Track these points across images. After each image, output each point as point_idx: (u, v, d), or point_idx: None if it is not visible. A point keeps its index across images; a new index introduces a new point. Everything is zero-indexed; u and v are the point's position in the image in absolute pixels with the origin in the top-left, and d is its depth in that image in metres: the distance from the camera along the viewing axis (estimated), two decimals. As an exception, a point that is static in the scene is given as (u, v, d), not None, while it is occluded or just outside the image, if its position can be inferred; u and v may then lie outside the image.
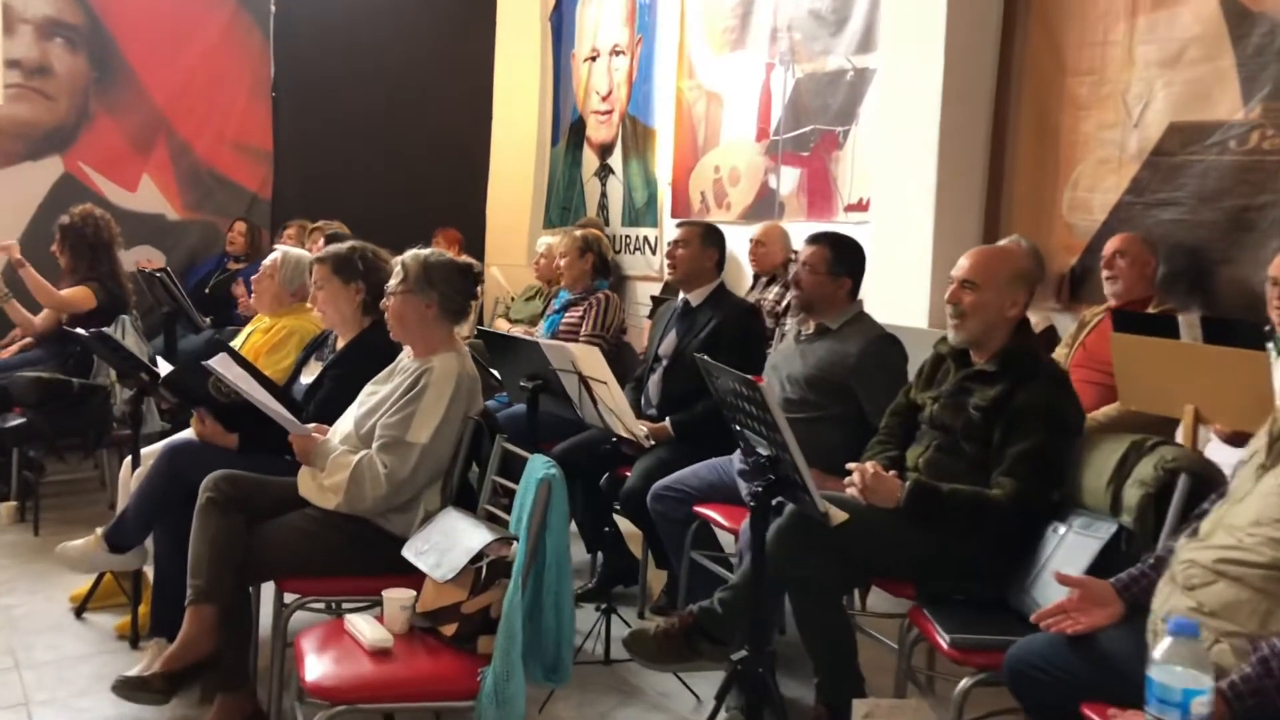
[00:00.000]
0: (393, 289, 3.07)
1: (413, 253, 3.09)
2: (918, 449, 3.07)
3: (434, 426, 2.91)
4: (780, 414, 2.47)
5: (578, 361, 3.39)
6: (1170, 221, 4.34)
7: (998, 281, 2.95)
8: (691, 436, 4.00)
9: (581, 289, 4.98)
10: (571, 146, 8.31)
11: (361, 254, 3.47)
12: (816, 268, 3.57)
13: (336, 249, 3.48)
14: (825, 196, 6.01)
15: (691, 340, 4.12)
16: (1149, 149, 4.43)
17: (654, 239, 7.37)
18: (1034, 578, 2.68)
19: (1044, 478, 2.80)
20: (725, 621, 3.02)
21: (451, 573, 2.49)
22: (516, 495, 2.59)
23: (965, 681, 2.52)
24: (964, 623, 2.59)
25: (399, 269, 3.07)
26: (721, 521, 3.58)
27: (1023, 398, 2.85)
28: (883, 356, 3.49)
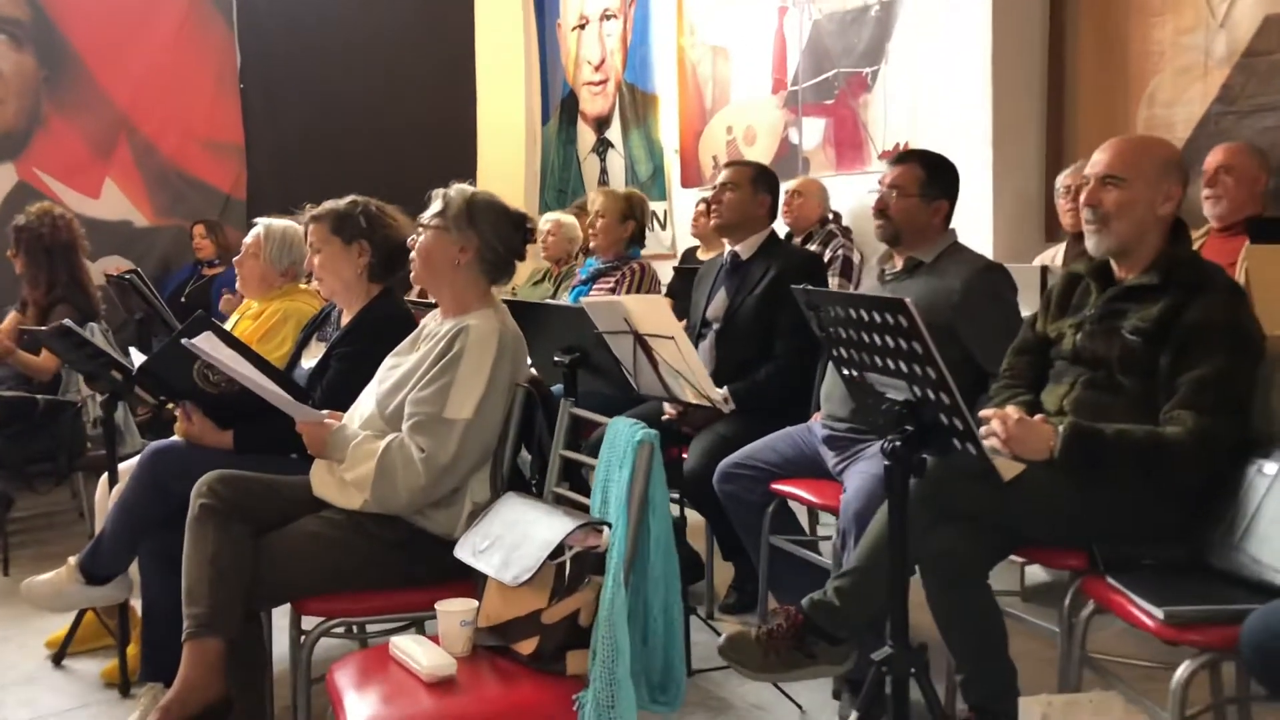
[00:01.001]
0: (426, 221, 2.53)
1: (459, 186, 2.56)
2: (1059, 389, 2.54)
3: (477, 399, 2.37)
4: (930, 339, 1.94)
5: (633, 318, 2.84)
6: (1273, 129, 3.85)
7: (1146, 172, 2.43)
8: (755, 407, 3.46)
9: (615, 255, 4.42)
10: (564, 123, 7.77)
11: (365, 210, 2.93)
12: (907, 189, 3.03)
13: (335, 204, 2.94)
14: (855, 146, 5.49)
15: (746, 298, 3.59)
16: (1240, 50, 3.93)
17: (663, 213, 6.83)
18: (1245, 530, 2.15)
19: (1231, 408, 2.28)
20: (844, 615, 2.49)
21: (526, 574, 1.94)
22: (597, 470, 2.04)
23: (1186, 666, 1.99)
24: (1172, 593, 2.06)
25: (439, 200, 2.54)
26: (809, 499, 3.05)
27: (1195, 314, 2.32)
28: (995, 288, 2.96)
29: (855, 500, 2.79)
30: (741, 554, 3.49)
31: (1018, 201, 4.59)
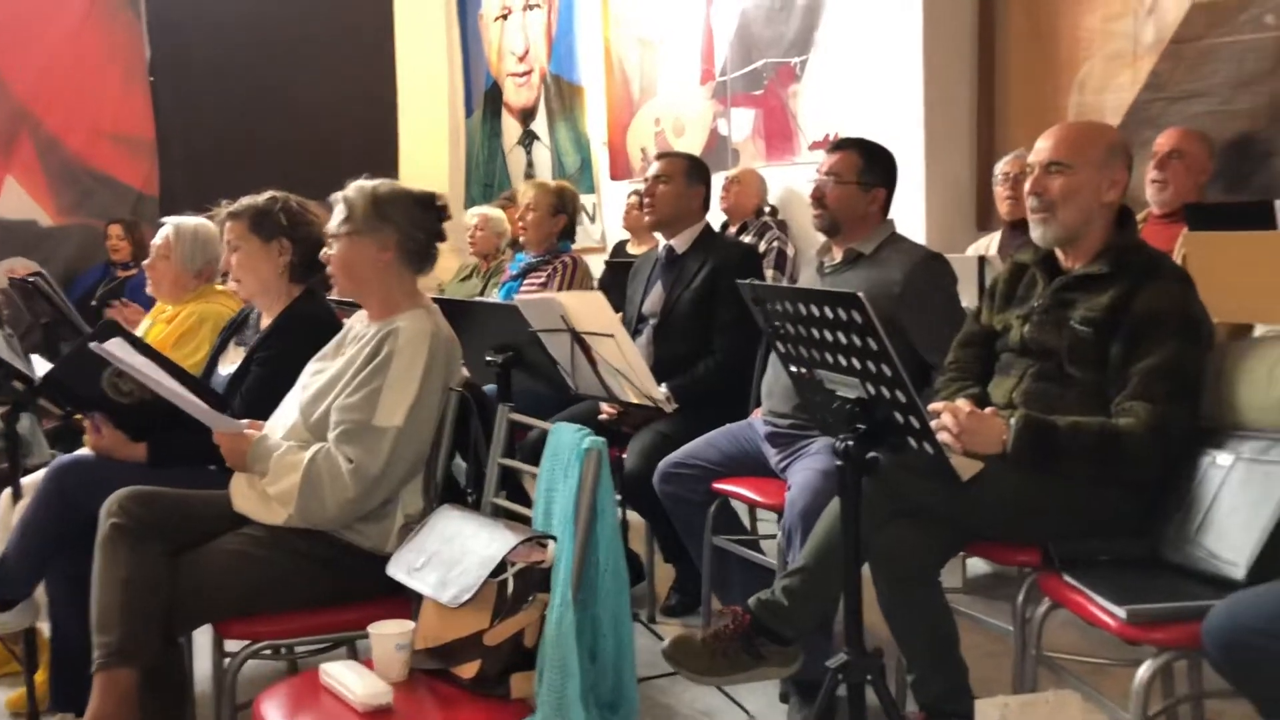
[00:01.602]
0: (335, 231, 2.39)
1: (356, 185, 2.42)
2: (1007, 381, 2.48)
3: (408, 405, 2.24)
4: (885, 335, 1.86)
5: (571, 315, 2.74)
6: (1201, 115, 3.86)
7: (1092, 159, 2.38)
8: (695, 403, 3.37)
9: (546, 249, 4.30)
10: (488, 115, 7.62)
11: (285, 206, 2.78)
12: (845, 176, 2.96)
13: (253, 200, 2.78)
14: (785, 136, 5.44)
15: (683, 292, 3.50)
16: (1167, 37, 3.94)
17: (592, 206, 6.72)
18: (1201, 522, 2.11)
19: (1183, 398, 2.25)
20: (793, 615, 2.40)
21: (466, 593, 1.82)
22: (539, 480, 1.93)
23: (1149, 665, 1.94)
24: (1131, 591, 2.01)
25: (340, 206, 2.39)
26: (752, 497, 2.97)
27: (1145, 302, 2.28)
28: (937, 279, 2.91)
29: (800, 498, 2.71)
30: (683, 555, 3.40)
31: (950, 190, 4.57)
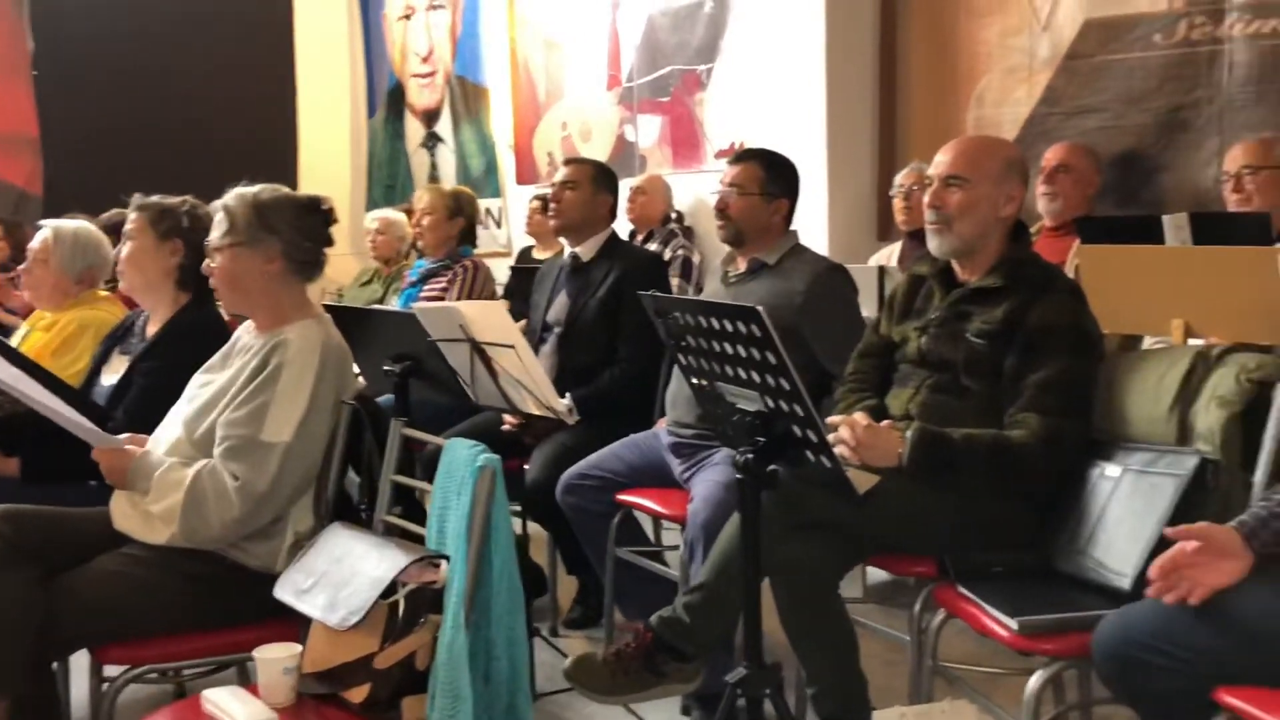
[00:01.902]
0: (217, 243, 2.30)
1: (236, 193, 2.33)
2: (904, 393, 2.50)
3: (297, 419, 2.16)
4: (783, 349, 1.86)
5: (470, 325, 2.68)
6: (1094, 130, 3.96)
7: (989, 173, 2.41)
8: (599, 414, 3.34)
9: (445, 254, 4.21)
10: (391, 116, 7.49)
11: (193, 211, 2.70)
12: (748, 188, 2.96)
13: (164, 198, 2.69)
14: (692, 144, 5.45)
15: (588, 301, 3.47)
16: (1062, 52, 4.03)
17: (498, 210, 6.65)
18: (1090, 534, 2.15)
19: (1075, 410, 2.29)
20: (694, 631, 2.39)
21: (355, 615, 1.76)
22: (432, 497, 1.88)
23: (1039, 675, 1.97)
24: (1023, 602, 2.03)
25: (220, 216, 2.30)
26: (656, 509, 2.95)
27: (1038, 315, 2.32)
28: (836, 290, 2.93)
29: (703, 510, 2.70)
30: (586, 567, 3.37)
31: (852, 201, 4.62)
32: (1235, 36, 3.60)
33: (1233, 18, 3.61)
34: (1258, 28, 3.54)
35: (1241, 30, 3.59)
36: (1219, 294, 2.70)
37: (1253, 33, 3.56)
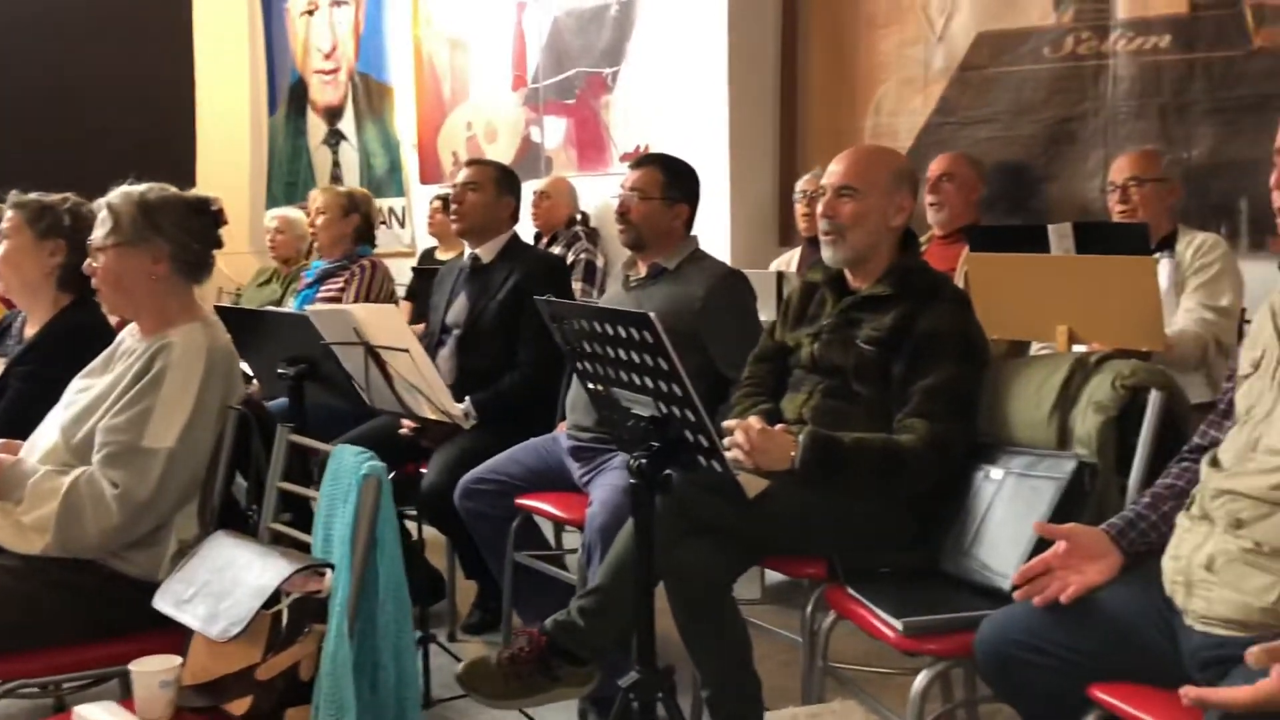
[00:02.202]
0: (100, 243, 2.23)
1: (121, 191, 2.26)
2: (798, 397, 2.54)
3: (181, 425, 2.11)
4: (675, 355, 1.87)
5: (364, 328, 2.65)
6: (985, 140, 4.07)
7: (880, 184, 2.46)
8: (499, 418, 3.33)
9: (341, 254, 4.15)
10: (292, 113, 7.34)
11: (75, 209, 2.61)
12: (648, 192, 2.98)
13: (42, 195, 2.60)
14: (597, 147, 5.45)
15: (488, 303, 3.44)
16: (956, 63, 4.13)
17: (401, 209, 6.58)
18: (974, 536, 2.21)
19: (961, 415, 2.35)
20: (589, 635, 2.40)
21: (236, 627, 1.72)
22: (319, 505, 1.85)
23: (924, 675, 2.01)
24: (909, 603, 2.07)
25: (104, 215, 2.24)
26: (555, 513, 2.95)
27: (926, 323, 2.38)
28: (734, 296, 2.96)
29: (600, 514, 2.71)
30: (484, 572, 3.34)
31: (754, 206, 4.67)
32: (1119, 52, 3.73)
33: (1117, 34, 3.74)
34: (1139, 44, 3.67)
35: (1125, 46, 3.72)
36: (1101, 301, 2.80)
37: (1135, 49, 3.69)
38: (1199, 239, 3.22)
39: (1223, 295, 3.14)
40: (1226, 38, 3.50)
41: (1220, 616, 1.60)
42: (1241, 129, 3.50)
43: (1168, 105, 3.62)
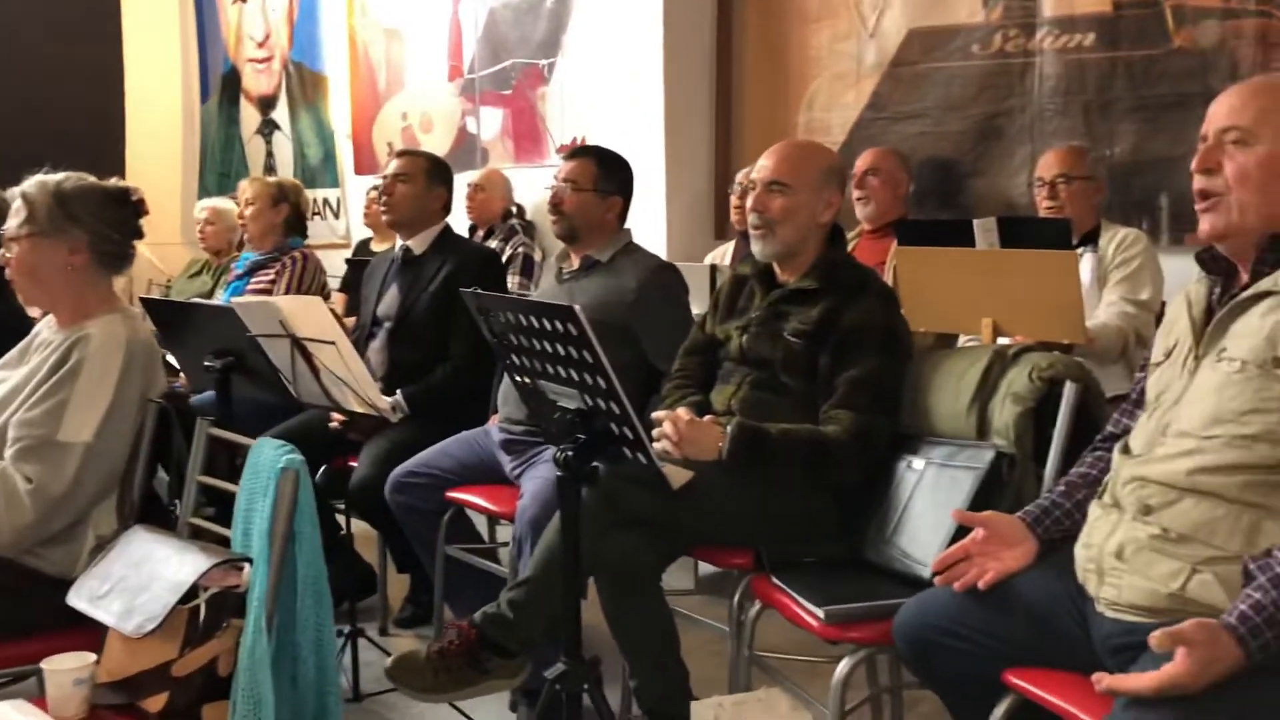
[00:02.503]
0: (13, 233, 2.18)
1: (37, 180, 2.21)
2: (727, 389, 2.56)
3: (98, 419, 2.08)
4: (600, 348, 1.87)
5: (289, 320, 2.62)
6: (916, 135, 4.12)
7: (810, 180, 2.49)
8: (431, 411, 3.31)
9: (272, 246, 4.09)
10: (225, 102, 7.23)
11: None
12: (581, 184, 2.97)
13: None
14: (534, 138, 5.43)
15: (420, 295, 3.42)
16: (888, 59, 4.18)
17: (335, 200, 6.51)
18: (896, 525, 2.24)
19: (884, 407, 2.39)
20: (518, 628, 2.40)
21: (152, 622, 1.70)
22: (238, 499, 1.83)
23: (846, 662, 2.04)
24: (832, 592, 2.10)
25: (19, 205, 2.19)
26: (486, 506, 2.94)
27: (851, 317, 2.41)
28: (667, 289, 2.96)
29: (531, 507, 2.70)
30: (417, 565, 3.33)
31: (689, 199, 4.68)
32: (1045, 50, 3.80)
33: (1043, 31, 3.80)
34: (1065, 42, 3.74)
35: (1051, 44, 3.78)
36: (1023, 295, 2.85)
37: (1060, 47, 3.76)
38: (1121, 234, 3.29)
39: (1143, 289, 3.21)
40: (1148, 37, 3.57)
41: (1129, 603, 1.64)
42: (1162, 126, 3.58)
43: (1091, 103, 3.69)
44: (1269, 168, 1.63)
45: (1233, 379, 1.61)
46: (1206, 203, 1.69)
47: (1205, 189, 1.69)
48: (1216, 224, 1.68)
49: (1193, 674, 1.42)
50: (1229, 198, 1.66)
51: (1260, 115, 1.64)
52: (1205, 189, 1.69)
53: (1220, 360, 1.65)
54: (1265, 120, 1.64)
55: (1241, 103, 1.67)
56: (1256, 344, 1.59)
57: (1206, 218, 1.70)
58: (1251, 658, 1.42)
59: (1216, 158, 1.68)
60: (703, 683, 2.47)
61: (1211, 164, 1.68)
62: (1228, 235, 1.69)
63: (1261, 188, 1.64)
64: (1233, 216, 1.66)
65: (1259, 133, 1.64)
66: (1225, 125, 1.67)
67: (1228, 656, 1.42)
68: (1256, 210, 1.64)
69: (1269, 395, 1.57)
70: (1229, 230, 1.68)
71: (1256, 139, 1.64)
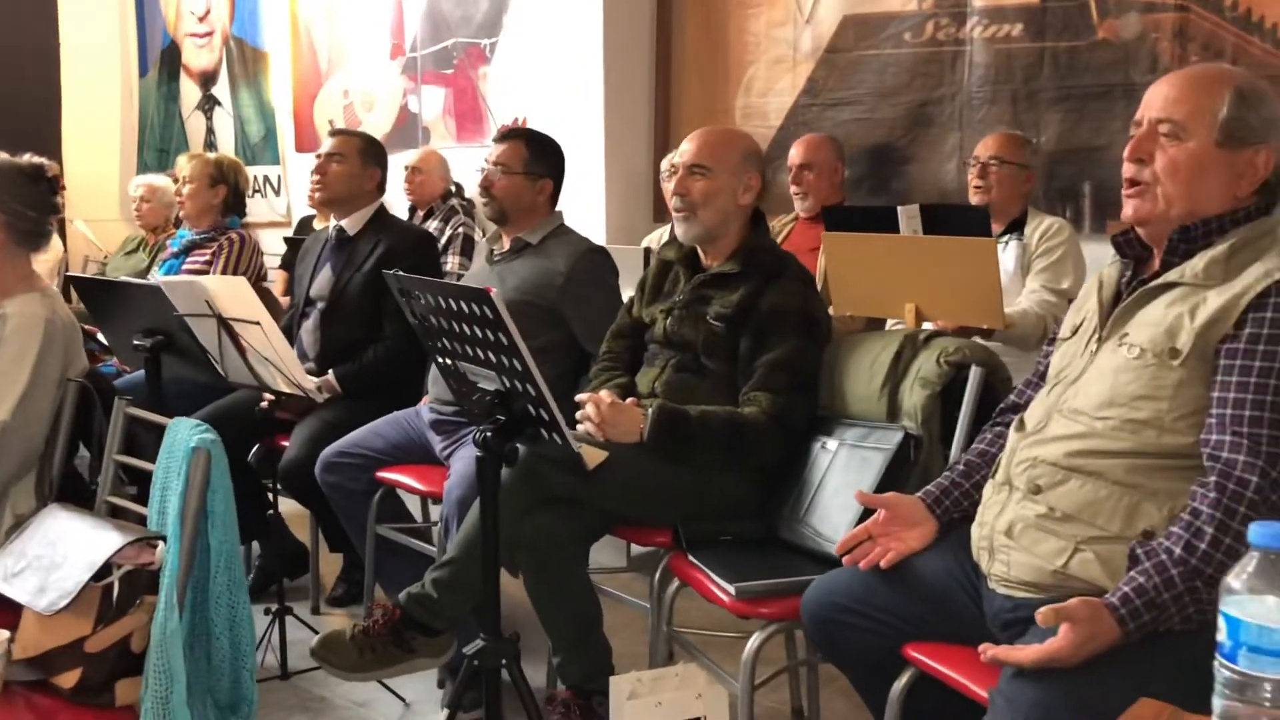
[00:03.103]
0: None
1: None
2: (652, 372, 2.61)
3: (16, 396, 2.09)
4: (515, 330, 1.91)
5: (216, 300, 2.62)
6: (850, 121, 4.18)
7: (729, 163, 2.54)
8: (363, 391, 3.33)
9: (209, 225, 4.06)
10: (165, 77, 7.12)
11: None
12: (512, 166, 3.00)
13: None
14: (476, 118, 5.43)
15: (353, 275, 3.42)
16: (823, 46, 4.23)
17: (276, 178, 6.46)
18: (809, 504, 2.30)
19: (802, 389, 2.44)
20: (442, 607, 2.44)
21: (65, 599, 1.71)
22: (154, 477, 1.84)
23: (756, 637, 2.09)
24: (744, 569, 2.16)
25: None
26: (416, 486, 2.96)
27: (770, 300, 2.46)
28: (596, 271, 2.99)
29: (458, 487, 2.73)
30: (349, 544, 3.35)
31: (628, 181, 4.71)
32: (975, 39, 3.86)
33: (973, 20, 3.87)
34: (994, 32, 3.81)
35: (980, 33, 3.85)
36: (945, 281, 2.91)
37: (989, 36, 3.83)
38: (1046, 223, 3.36)
39: (1064, 278, 3.29)
40: (1073, 28, 3.65)
41: (1018, 579, 1.71)
42: (1086, 116, 3.66)
43: (1019, 92, 3.77)
44: (1197, 164, 1.67)
45: (1130, 364, 1.67)
46: (1134, 189, 1.73)
47: (1134, 178, 1.73)
48: (1140, 209, 1.73)
49: (1073, 648, 1.49)
50: (1156, 187, 1.70)
51: (1195, 111, 1.67)
52: (1134, 178, 1.73)
53: (1121, 345, 1.71)
54: (1198, 117, 1.67)
55: (1178, 95, 1.70)
56: (1157, 335, 1.65)
57: (1131, 203, 1.74)
58: (1129, 637, 1.50)
59: (1149, 148, 1.71)
60: (630, 658, 2.53)
61: (1143, 154, 1.71)
62: (1149, 222, 1.73)
63: (1189, 182, 1.68)
64: (1158, 205, 1.70)
65: (1191, 128, 1.67)
66: (1160, 116, 1.70)
67: (1107, 634, 1.50)
68: (1180, 202, 1.69)
69: (1162, 384, 1.63)
70: (1151, 217, 1.72)
71: (1189, 134, 1.67)
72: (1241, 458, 1.53)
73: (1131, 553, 1.58)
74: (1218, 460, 1.55)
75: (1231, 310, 1.59)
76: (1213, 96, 1.67)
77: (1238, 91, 1.66)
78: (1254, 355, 1.56)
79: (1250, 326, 1.57)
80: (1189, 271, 1.66)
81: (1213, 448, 1.56)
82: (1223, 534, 1.51)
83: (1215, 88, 1.67)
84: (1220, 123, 1.66)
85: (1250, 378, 1.56)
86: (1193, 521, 1.53)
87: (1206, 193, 1.68)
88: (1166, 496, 1.61)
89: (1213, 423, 1.58)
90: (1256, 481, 1.51)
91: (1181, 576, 1.50)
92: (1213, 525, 1.51)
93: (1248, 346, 1.57)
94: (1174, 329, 1.64)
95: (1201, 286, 1.64)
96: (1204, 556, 1.51)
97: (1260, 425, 1.53)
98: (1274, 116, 1.68)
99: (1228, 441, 1.55)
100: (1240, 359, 1.57)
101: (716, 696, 2.23)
